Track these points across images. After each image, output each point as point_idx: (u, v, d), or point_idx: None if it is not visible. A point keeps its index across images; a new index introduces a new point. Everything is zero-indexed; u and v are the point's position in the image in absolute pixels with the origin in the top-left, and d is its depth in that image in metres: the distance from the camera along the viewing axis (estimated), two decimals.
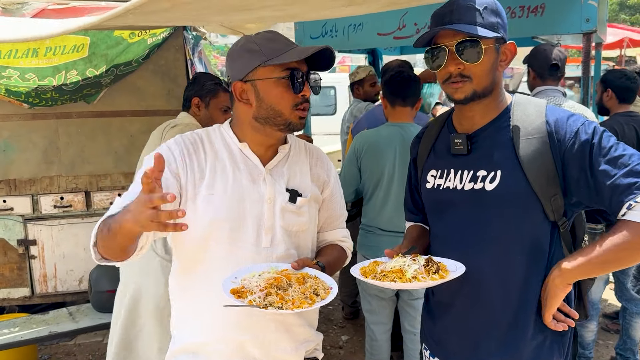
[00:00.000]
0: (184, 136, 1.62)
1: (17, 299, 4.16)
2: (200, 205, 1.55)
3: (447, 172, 1.61)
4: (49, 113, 3.99)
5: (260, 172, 1.60)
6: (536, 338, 1.53)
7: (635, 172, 1.37)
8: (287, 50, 1.53)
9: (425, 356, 1.78)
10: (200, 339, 1.60)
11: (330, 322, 4.69)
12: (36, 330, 3.03)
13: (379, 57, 6.19)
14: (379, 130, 3.02)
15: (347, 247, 1.83)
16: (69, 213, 4.10)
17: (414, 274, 1.42)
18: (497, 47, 1.49)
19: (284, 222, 1.60)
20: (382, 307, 3.12)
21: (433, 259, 1.48)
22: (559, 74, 3.30)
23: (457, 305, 1.60)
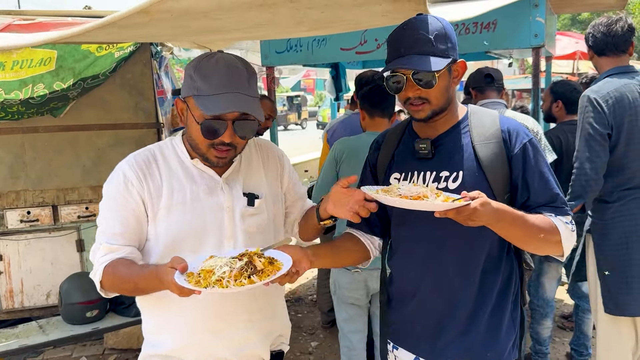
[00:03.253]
0: (137, 156, 1.67)
1: None
2: (160, 222, 1.64)
3: (410, 174, 1.74)
4: (16, 127, 3.99)
5: (217, 183, 1.68)
6: (494, 325, 1.68)
7: (555, 193, 1.65)
8: (215, 94, 1.53)
9: (389, 350, 1.90)
10: (171, 345, 1.69)
11: (300, 329, 4.77)
12: (5, 344, 3.02)
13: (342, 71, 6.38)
14: (360, 137, 3.13)
15: (312, 205, 1.94)
16: (35, 227, 4.09)
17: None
18: (449, 69, 1.64)
19: (245, 226, 1.70)
20: (359, 315, 3.21)
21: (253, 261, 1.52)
22: (495, 85, 3.57)
23: (420, 293, 1.74)
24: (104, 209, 1.64)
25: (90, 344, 4.51)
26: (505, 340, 1.69)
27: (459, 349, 1.68)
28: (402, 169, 1.77)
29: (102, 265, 1.57)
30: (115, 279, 1.57)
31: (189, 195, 1.65)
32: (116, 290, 1.62)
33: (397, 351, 1.84)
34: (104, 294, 1.64)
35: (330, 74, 6.47)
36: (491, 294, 1.67)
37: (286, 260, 1.51)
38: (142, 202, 1.62)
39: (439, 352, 1.71)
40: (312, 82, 27.37)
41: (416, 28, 1.59)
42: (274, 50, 4.39)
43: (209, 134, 1.56)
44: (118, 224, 1.61)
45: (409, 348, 1.79)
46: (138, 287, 1.54)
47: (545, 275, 3.75)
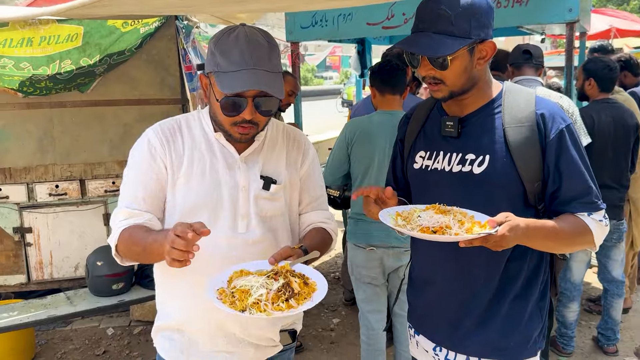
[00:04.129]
0: (163, 125, 1.68)
1: (13, 285, 4.22)
2: (179, 191, 1.64)
3: (436, 153, 1.68)
4: (44, 102, 4.04)
5: (235, 160, 1.66)
6: (516, 315, 1.63)
7: (588, 186, 1.56)
8: (234, 70, 1.49)
9: (411, 334, 1.88)
10: (183, 317, 1.70)
11: (322, 305, 4.79)
12: (34, 314, 3.10)
13: (368, 47, 6.27)
14: (371, 117, 3.08)
15: (330, 229, 1.81)
16: (64, 201, 4.16)
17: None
18: (470, 49, 1.53)
19: (258, 209, 1.67)
20: (376, 294, 3.20)
21: (290, 283, 1.45)
22: (534, 62, 3.44)
23: (440, 282, 1.70)
24: (128, 174, 1.65)
25: (117, 315, 4.62)
26: (529, 330, 1.64)
27: (479, 338, 1.64)
28: (428, 147, 1.72)
29: (119, 229, 1.57)
30: (129, 243, 1.55)
31: (208, 168, 1.64)
32: (129, 255, 1.59)
33: (418, 337, 1.82)
34: (119, 260, 1.63)
35: (356, 49, 6.38)
36: (515, 282, 1.62)
37: (319, 279, 1.48)
38: (165, 168, 1.63)
39: (458, 342, 1.67)
40: (338, 59, 27.13)
41: (440, 2, 1.50)
42: (298, 25, 4.33)
43: (229, 111, 1.54)
44: (140, 188, 1.62)
45: (428, 336, 1.77)
46: (146, 251, 1.49)
47: (574, 258, 3.67)
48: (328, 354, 3.96)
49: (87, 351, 4.06)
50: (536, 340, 1.65)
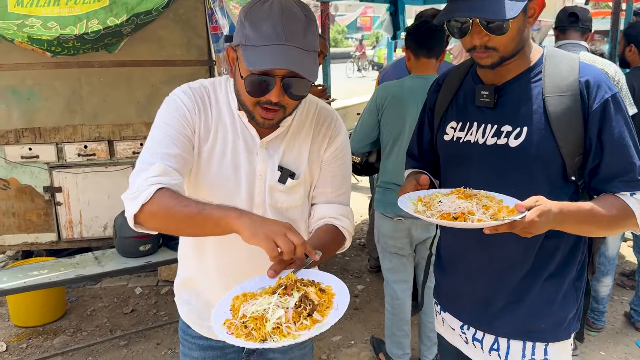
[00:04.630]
0: (194, 89, 1.53)
1: (45, 243, 4.31)
2: (200, 168, 1.53)
3: (469, 124, 1.57)
4: (72, 62, 4.02)
5: (256, 145, 1.53)
6: (550, 295, 1.55)
7: (631, 162, 1.43)
8: (263, 45, 1.33)
9: (437, 311, 1.82)
10: (201, 277, 1.66)
11: (346, 271, 4.79)
12: (64, 273, 3.15)
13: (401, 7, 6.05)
14: (403, 82, 2.95)
15: (344, 228, 1.60)
16: (92, 162, 4.18)
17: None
18: (524, 8, 1.40)
19: (272, 200, 1.55)
20: (402, 264, 3.15)
21: (307, 296, 1.28)
22: (580, 25, 3.24)
23: (470, 259, 1.62)
24: (158, 133, 1.46)
25: (145, 275, 4.70)
26: (564, 311, 1.56)
27: (510, 319, 1.57)
28: (461, 118, 1.61)
29: (154, 186, 1.32)
30: (171, 204, 1.30)
31: (230, 148, 1.53)
32: (160, 220, 1.33)
33: (444, 314, 1.77)
34: (134, 224, 1.36)
35: (388, 10, 6.16)
36: (551, 261, 1.53)
37: (333, 281, 1.32)
38: (193, 135, 1.49)
39: (488, 322, 1.61)
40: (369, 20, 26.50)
41: None
42: None
43: (253, 91, 1.38)
44: (174, 146, 1.43)
45: (455, 314, 1.71)
46: (202, 214, 1.28)
47: None
48: (351, 320, 3.96)
49: (115, 309, 4.15)
50: (570, 322, 1.57)
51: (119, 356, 3.51)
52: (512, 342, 1.56)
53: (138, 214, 1.33)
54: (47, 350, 3.58)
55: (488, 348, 1.61)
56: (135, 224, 1.36)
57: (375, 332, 3.77)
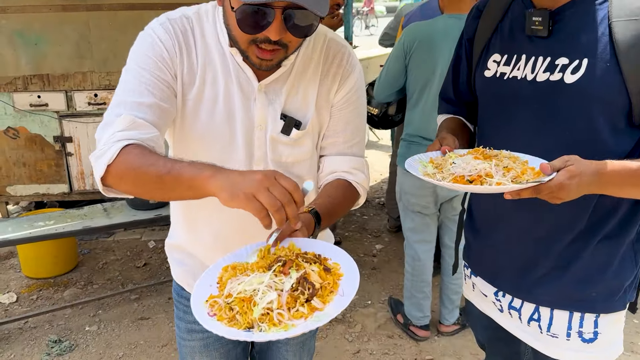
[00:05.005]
0: (173, 21, 1.27)
1: (56, 195, 4.21)
2: (185, 119, 1.31)
3: (516, 57, 1.33)
4: (80, 5, 3.80)
5: (253, 89, 1.30)
6: (603, 260, 1.33)
7: None
8: None
9: (466, 275, 1.64)
10: (195, 244, 1.49)
11: (365, 230, 4.62)
12: (70, 224, 3.03)
13: None
14: (434, 22, 2.66)
15: (357, 184, 1.41)
16: (103, 111, 3.99)
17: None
18: None
19: (275, 155, 1.35)
20: (425, 224, 2.96)
21: (307, 277, 1.08)
22: None
23: (510, 219, 1.41)
24: (128, 77, 1.24)
25: (159, 229, 4.60)
26: (619, 277, 1.34)
27: (555, 286, 1.36)
28: (506, 50, 1.36)
29: (119, 143, 1.12)
30: (138, 163, 1.10)
31: (222, 93, 1.29)
32: (128, 182, 1.14)
33: (475, 278, 1.58)
34: (104, 189, 1.18)
35: None
36: (608, 221, 1.31)
37: (345, 261, 1.12)
38: (175, 80, 1.26)
39: (527, 289, 1.40)
40: None
41: None
42: None
43: (247, 26, 1.13)
44: (148, 94, 1.20)
45: (489, 279, 1.51)
46: (170, 175, 1.07)
47: None
48: (369, 280, 3.82)
49: (128, 262, 4.06)
50: (626, 290, 1.36)
51: (129, 310, 3.43)
52: (557, 312, 1.37)
53: (105, 176, 1.14)
54: (57, 302, 3.51)
55: (527, 318, 1.43)
56: (104, 187, 1.18)
57: (393, 292, 3.62)
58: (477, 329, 1.74)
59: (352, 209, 1.54)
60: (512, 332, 1.49)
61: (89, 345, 3.06)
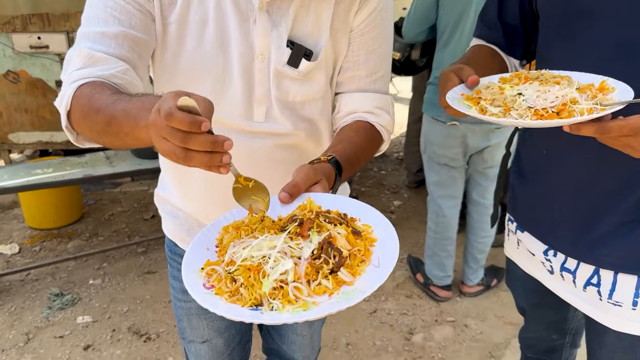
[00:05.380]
0: None
1: (60, 143, 4.01)
2: (169, 46, 1.07)
3: None
4: None
5: (252, 8, 1.06)
6: None
7: None
8: None
9: (510, 230, 1.41)
10: (189, 203, 1.28)
11: (382, 186, 4.41)
12: (70, 173, 2.84)
13: None
14: None
15: (381, 126, 1.20)
16: None
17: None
18: None
19: (280, 92, 1.11)
20: (452, 178, 2.72)
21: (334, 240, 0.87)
22: None
23: (570, 166, 1.17)
24: (94, 1, 1.03)
25: None
26: None
27: (621, 245, 1.13)
28: None
29: (74, 84, 0.96)
30: (88, 109, 0.92)
31: (212, 13, 1.05)
32: (86, 130, 0.96)
33: (521, 234, 1.35)
34: (72, 138, 1.02)
35: None
36: None
37: (378, 222, 0.91)
38: (151, 1, 1.04)
39: (587, 248, 1.17)
40: None
41: None
42: None
43: None
44: (113, 20, 1.00)
45: (539, 235, 1.28)
46: (113, 127, 0.89)
47: None
48: None
49: (135, 214, 3.90)
50: None
51: (135, 263, 3.28)
52: (621, 276, 1.14)
53: (67, 124, 0.99)
54: (60, 254, 3.36)
55: (583, 282, 1.20)
56: (77, 140, 1.02)
57: (412, 250, 3.42)
58: (518, 292, 1.53)
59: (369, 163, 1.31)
60: (563, 297, 1.27)
61: (92, 299, 2.92)
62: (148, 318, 2.77)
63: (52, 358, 2.49)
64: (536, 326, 1.52)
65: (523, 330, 1.60)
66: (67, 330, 2.66)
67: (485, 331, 2.73)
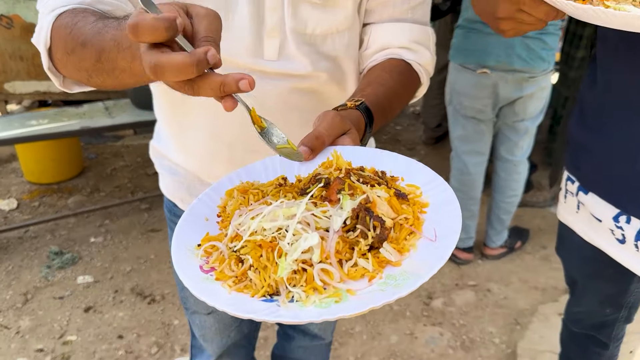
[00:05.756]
0: None
1: (58, 93, 3.81)
2: None
3: None
4: None
5: None
6: None
7: None
8: None
9: (570, 191, 1.21)
10: (188, 157, 1.10)
11: (398, 142, 4.19)
12: (67, 124, 2.64)
13: None
14: None
15: (419, 65, 1.00)
16: None
17: None
18: None
19: (296, 23, 0.91)
20: (479, 132, 2.50)
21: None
22: None
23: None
24: None
25: None
26: None
27: None
28: None
29: (51, 14, 0.78)
30: (73, 43, 0.74)
31: None
32: (72, 69, 0.78)
33: (584, 196, 1.14)
34: (55, 79, 0.84)
35: None
36: None
37: (425, 176, 0.72)
38: None
39: None
40: None
41: None
42: None
43: None
44: None
45: (610, 199, 1.07)
46: (103, 61, 0.71)
47: None
48: None
49: (138, 169, 3.72)
50: None
51: (139, 220, 3.12)
52: None
53: (50, 65, 0.81)
54: (60, 210, 3.20)
55: None
56: (64, 84, 0.85)
57: None
58: (571, 262, 1.34)
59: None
60: (636, 270, 1.08)
61: (94, 258, 2.77)
62: (152, 278, 2.63)
63: (51, 320, 2.35)
64: (589, 299, 1.34)
65: (571, 303, 1.42)
66: (67, 291, 2.52)
67: (510, 296, 2.57)
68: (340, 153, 0.75)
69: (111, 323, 2.33)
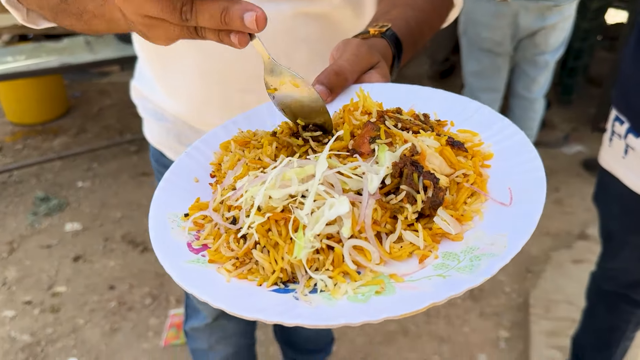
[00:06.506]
0: None
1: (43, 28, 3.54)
2: None
3: None
4: None
5: None
6: None
7: None
8: None
9: (618, 134, 1.04)
10: (165, 88, 0.94)
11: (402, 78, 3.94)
12: (44, 61, 2.42)
13: None
14: None
15: None
16: None
17: None
18: None
19: None
20: (496, 67, 2.29)
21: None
22: None
23: None
24: None
25: None
26: None
27: None
28: None
29: None
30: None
31: None
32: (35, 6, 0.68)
33: (635, 140, 0.98)
34: (17, 12, 0.73)
35: None
36: None
37: (485, 119, 0.56)
38: None
39: None
40: None
41: None
42: None
43: None
44: None
45: None
46: (70, 2, 0.60)
47: None
48: None
49: (125, 109, 3.51)
50: None
51: (128, 163, 2.95)
52: None
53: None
54: (45, 152, 3.03)
55: None
56: (27, 18, 0.74)
57: None
58: (611, 212, 1.19)
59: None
60: None
61: (82, 204, 2.62)
62: (144, 226, 2.49)
63: (39, 270, 2.23)
64: (627, 255, 1.20)
65: (604, 259, 1.29)
66: (55, 240, 2.39)
67: None
68: (368, 92, 0.58)
69: (102, 273, 2.22)
